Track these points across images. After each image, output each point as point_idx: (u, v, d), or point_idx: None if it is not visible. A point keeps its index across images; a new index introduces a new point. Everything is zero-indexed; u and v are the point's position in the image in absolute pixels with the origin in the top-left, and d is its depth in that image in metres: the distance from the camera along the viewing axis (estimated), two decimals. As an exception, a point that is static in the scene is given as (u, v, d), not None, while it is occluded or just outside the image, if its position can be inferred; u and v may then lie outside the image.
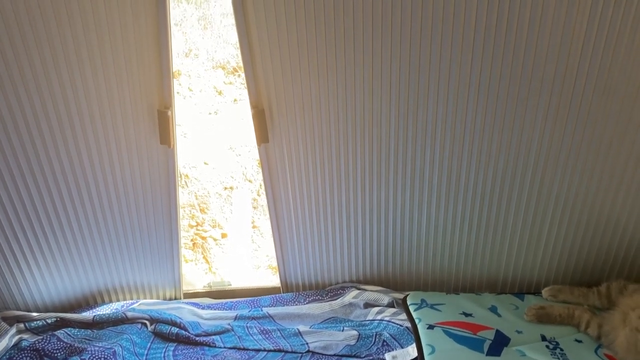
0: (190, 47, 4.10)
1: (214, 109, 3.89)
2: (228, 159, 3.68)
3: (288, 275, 2.04)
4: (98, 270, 1.90)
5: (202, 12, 4.31)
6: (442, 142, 1.67)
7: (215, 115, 3.88)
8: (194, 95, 3.91)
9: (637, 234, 1.82)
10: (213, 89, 3.98)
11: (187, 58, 4.06)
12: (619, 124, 1.59)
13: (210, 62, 4.07)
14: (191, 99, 3.89)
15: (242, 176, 3.64)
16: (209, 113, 3.87)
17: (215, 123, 3.84)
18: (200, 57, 4.08)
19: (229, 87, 4.02)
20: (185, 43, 4.11)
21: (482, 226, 1.84)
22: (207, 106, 3.90)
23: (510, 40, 1.46)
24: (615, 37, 1.45)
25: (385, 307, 1.87)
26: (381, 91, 1.58)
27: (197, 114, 3.84)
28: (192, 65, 4.04)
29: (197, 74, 4.01)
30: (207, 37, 4.18)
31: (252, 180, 3.64)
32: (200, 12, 4.31)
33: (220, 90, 3.98)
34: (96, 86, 1.52)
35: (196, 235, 3.38)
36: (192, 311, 1.93)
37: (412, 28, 1.46)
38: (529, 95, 1.56)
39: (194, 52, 4.09)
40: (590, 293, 1.79)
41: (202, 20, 4.27)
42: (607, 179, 1.71)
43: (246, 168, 3.66)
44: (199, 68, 4.03)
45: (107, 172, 1.68)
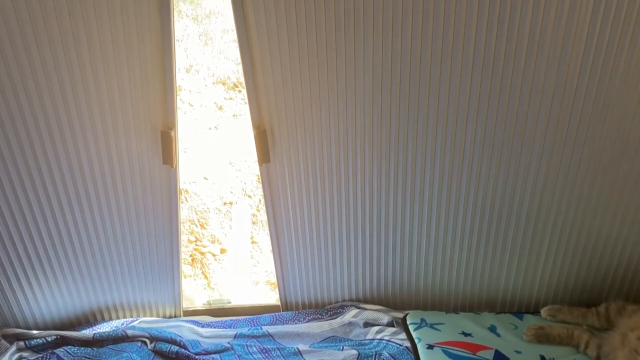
0: (191, 63, 4.13)
1: (214, 124, 3.91)
2: (228, 174, 3.69)
3: (288, 294, 2.04)
4: (98, 287, 1.90)
5: (203, 28, 4.34)
6: (441, 162, 1.68)
7: (216, 130, 3.89)
8: (194, 111, 3.94)
9: (635, 254, 1.83)
10: (213, 104, 4.01)
11: (188, 74, 4.09)
12: (616, 146, 1.61)
13: (210, 77, 4.10)
14: (191, 114, 3.91)
15: (241, 191, 3.65)
16: (209, 128, 3.89)
17: (215, 138, 3.86)
18: (200, 73, 4.10)
19: (229, 102, 4.04)
20: (186, 59, 4.14)
21: (481, 246, 1.86)
22: (207, 121, 3.92)
23: (510, 59, 1.49)
24: (612, 61, 1.47)
25: (385, 327, 1.87)
26: (381, 111, 1.60)
27: (197, 129, 3.86)
28: (192, 80, 4.07)
29: (198, 90, 4.04)
30: (208, 53, 4.21)
31: (251, 195, 3.65)
32: (201, 28, 4.34)
33: (220, 106, 4.01)
34: (100, 107, 1.54)
35: (195, 251, 3.38)
36: (192, 329, 1.93)
37: (413, 48, 1.48)
38: (527, 121, 1.58)
39: (195, 68, 4.12)
40: (589, 313, 1.80)
41: (203, 36, 4.30)
42: (605, 200, 1.72)
43: (246, 183, 3.67)
44: (199, 83, 4.06)
45: (109, 191, 1.69)
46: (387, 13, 1.43)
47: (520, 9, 1.40)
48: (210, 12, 4.43)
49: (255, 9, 1.43)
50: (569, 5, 1.39)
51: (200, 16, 4.41)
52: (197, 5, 4.48)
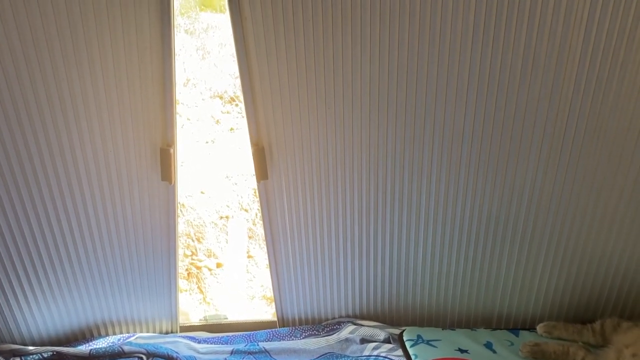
0: (188, 77, 4.15)
1: (211, 138, 3.92)
2: (224, 188, 3.69)
3: (285, 310, 2.04)
4: (95, 303, 1.90)
5: (201, 42, 4.37)
6: (437, 180, 1.70)
7: (212, 144, 3.90)
8: (191, 124, 3.95)
9: (629, 271, 1.84)
10: (210, 118, 4.02)
11: (185, 87, 4.11)
12: (609, 165, 1.63)
13: (208, 91, 4.12)
14: (188, 128, 3.92)
15: (238, 205, 3.65)
16: (205, 142, 3.90)
17: (212, 152, 3.86)
18: (198, 87, 4.12)
19: (226, 116, 4.06)
20: (183, 72, 4.16)
21: (477, 262, 1.87)
22: (204, 135, 3.93)
23: (504, 82, 1.51)
24: (605, 80, 1.49)
25: (382, 343, 1.87)
26: (378, 129, 1.61)
27: (194, 142, 3.87)
28: (189, 94, 4.09)
29: (195, 103, 4.05)
30: (205, 67, 4.23)
31: (248, 209, 3.65)
32: (198, 42, 4.37)
33: (217, 119, 4.02)
34: (100, 123, 1.54)
35: (191, 265, 3.37)
36: (188, 345, 1.93)
37: (409, 67, 1.50)
38: (522, 138, 1.60)
39: (192, 82, 4.13)
40: (585, 330, 1.81)
41: (200, 50, 4.33)
42: (600, 216, 1.74)
43: (242, 197, 3.68)
44: (196, 97, 4.07)
45: (107, 206, 1.70)
46: (384, 32, 1.45)
47: (514, 27, 1.43)
48: (208, 26, 4.46)
49: (253, 23, 1.45)
50: (562, 25, 1.42)
51: (198, 30, 4.43)
52: (194, 19, 4.51)
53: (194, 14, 4.57)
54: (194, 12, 4.58)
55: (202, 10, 4.65)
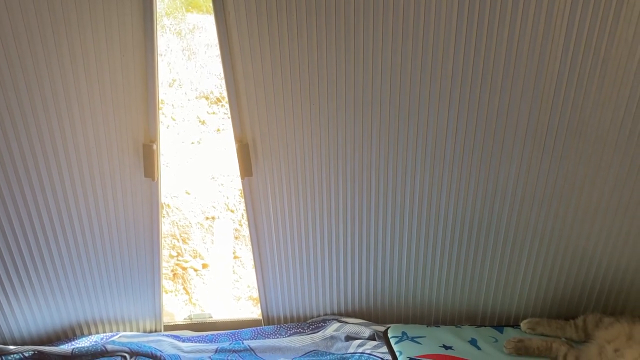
0: (174, 77, 4.14)
1: (197, 139, 3.91)
2: (210, 189, 3.68)
3: (270, 308, 2.04)
4: (78, 302, 1.88)
5: (187, 43, 4.36)
6: (422, 179, 1.71)
7: (198, 145, 3.89)
8: (176, 125, 3.93)
9: (611, 268, 1.86)
10: (196, 118, 4.01)
11: (170, 88, 4.09)
12: (591, 163, 1.65)
13: (193, 92, 4.11)
14: (174, 129, 3.91)
15: (224, 206, 3.64)
16: (191, 142, 3.89)
17: (197, 152, 3.85)
18: (183, 87, 4.11)
19: (212, 117, 4.05)
20: (169, 73, 4.15)
21: (461, 260, 1.88)
22: (189, 135, 3.92)
23: (487, 80, 1.52)
24: (586, 79, 1.51)
25: (367, 340, 1.87)
26: (362, 126, 1.62)
27: (179, 143, 3.86)
28: (175, 94, 4.07)
29: (181, 104, 4.04)
30: (191, 68, 4.22)
31: (234, 210, 3.64)
32: (184, 42, 4.36)
33: (203, 120, 4.01)
34: (82, 119, 1.53)
35: (176, 266, 3.35)
36: (172, 344, 1.91)
37: (393, 65, 1.51)
38: (505, 137, 1.62)
39: (178, 82, 4.12)
40: (568, 326, 1.83)
41: (186, 50, 4.32)
42: (582, 214, 1.76)
43: (228, 198, 3.67)
44: (182, 98, 4.06)
45: (89, 203, 1.68)
46: (368, 31, 1.46)
47: (497, 25, 1.44)
48: (194, 27, 4.46)
49: (238, 24, 1.45)
50: (544, 22, 1.43)
51: (184, 31, 4.43)
52: (180, 20, 4.50)
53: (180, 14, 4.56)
54: (180, 12, 4.58)
55: (188, 11, 4.64)
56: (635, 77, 1.50)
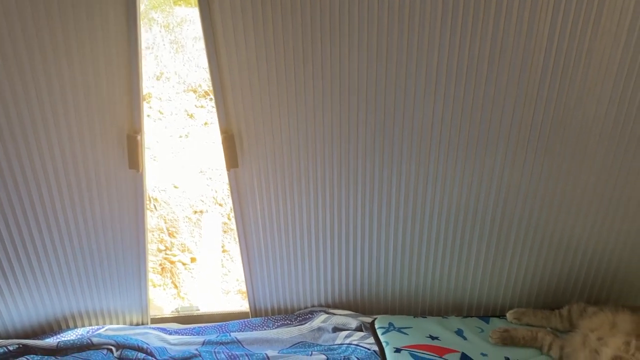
0: (162, 70, 4.11)
1: (185, 132, 3.89)
2: (198, 183, 3.67)
3: (257, 300, 2.03)
4: (63, 294, 1.86)
5: (175, 36, 4.33)
6: (407, 170, 1.71)
7: (186, 139, 3.87)
8: (164, 118, 3.91)
9: (595, 258, 1.88)
10: (184, 112, 3.99)
11: (158, 81, 4.06)
12: (575, 153, 1.66)
13: (181, 85, 4.08)
14: (161, 122, 3.88)
15: (212, 200, 3.63)
16: (179, 136, 3.87)
17: (185, 146, 3.83)
18: (171, 80, 4.08)
19: (200, 110, 4.03)
20: (157, 66, 4.12)
21: (447, 251, 1.89)
22: (177, 129, 3.89)
23: (472, 71, 1.53)
24: (570, 71, 1.52)
25: (354, 331, 1.88)
26: (349, 117, 1.61)
27: (167, 137, 3.83)
28: (163, 88, 4.05)
29: (168, 97, 4.01)
30: (179, 61, 4.20)
31: (222, 204, 3.63)
32: (172, 35, 4.33)
33: (191, 114, 3.99)
34: (65, 110, 1.52)
35: (165, 260, 3.34)
36: (159, 336, 1.91)
37: (379, 55, 1.51)
38: (490, 128, 1.62)
39: (166, 75, 4.09)
40: (553, 316, 1.84)
41: (174, 43, 4.29)
42: (567, 205, 1.77)
43: (217, 192, 3.66)
44: (170, 91, 4.04)
45: (73, 195, 1.67)
46: (354, 21, 1.45)
47: (482, 15, 1.44)
48: (182, 20, 4.43)
49: (222, 15, 1.44)
50: (529, 13, 1.44)
51: (172, 24, 4.39)
52: (168, 13, 4.47)
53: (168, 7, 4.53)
54: (168, 5, 4.55)
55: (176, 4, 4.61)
56: (619, 67, 1.51)
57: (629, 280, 1.94)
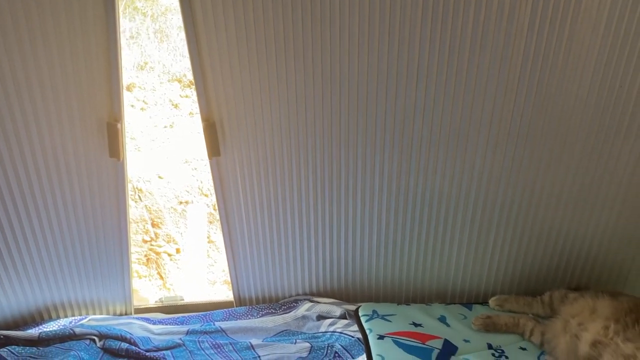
0: (146, 60, 4.07)
1: (170, 122, 3.86)
2: (183, 173, 3.65)
3: (241, 289, 2.03)
4: (45, 285, 1.85)
5: (159, 26, 4.28)
6: (390, 158, 1.71)
7: (171, 129, 3.84)
8: (148, 108, 3.88)
9: (576, 244, 1.90)
10: (169, 102, 3.96)
11: (142, 71, 4.02)
12: (557, 140, 1.67)
13: (166, 75, 4.05)
14: (146, 112, 3.85)
15: (197, 190, 3.61)
16: (164, 126, 3.84)
17: (170, 136, 3.80)
18: (155, 70, 4.05)
19: (185, 100, 4.00)
20: (140, 56, 4.08)
21: (430, 239, 1.89)
22: (162, 119, 3.86)
23: (453, 57, 1.53)
24: (550, 59, 1.52)
25: (338, 319, 1.88)
26: (331, 105, 1.61)
27: (152, 127, 3.80)
28: (147, 78, 4.01)
29: (153, 87, 3.98)
30: (164, 50, 4.16)
31: (208, 194, 3.61)
32: (156, 25, 4.28)
33: (176, 104, 3.96)
34: (43, 98, 1.49)
35: (150, 251, 3.33)
36: (142, 326, 1.90)
37: (360, 43, 1.50)
38: (472, 115, 1.63)
39: (150, 65, 4.05)
40: (534, 302, 1.85)
41: (158, 33, 4.24)
42: (548, 193, 1.78)
43: (202, 182, 3.64)
44: (154, 81, 4.00)
45: (54, 184, 1.65)
46: (335, 6, 1.44)
47: (462, 8, 1.44)
48: (166, 9, 4.38)
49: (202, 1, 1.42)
50: (509, 3, 1.44)
51: (156, 13, 4.35)
52: (153, 2, 4.42)
53: (151, -4, 4.48)
54: (152, -6, 4.49)
55: (161, -7, 4.56)
56: (599, 52, 1.52)
57: (609, 267, 1.96)
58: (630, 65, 1.53)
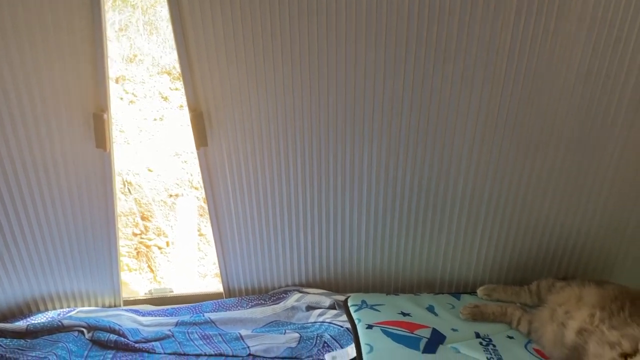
0: (135, 53, 4.04)
1: (159, 115, 3.84)
2: (173, 166, 3.63)
3: (231, 281, 2.03)
4: (32, 277, 1.84)
5: (148, 18, 4.25)
6: (378, 147, 1.71)
7: (161, 122, 3.82)
8: (138, 101, 3.85)
9: (563, 234, 1.91)
10: (158, 94, 3.93)
11: (131, 64, 4.00)
12: (544, 129, 1.68)
13: (155, 67, 4.02)
14: (135, 105, 3.83)
15: (187, 183, 3.60)
16: (154, 119, 3.82)
17: (160, 129, 3.78)
18: (145, 63, 4.02)
19: (175, 93, 3.97)
20: (130, 48, 4.05)
21: (418, 229, 1.90)
22: (152, 112, 3.84)
23: (440, 48, 1.53)
24: (538, 44, 1.53)
25: (327, 309, 1.89)
26: (319, 94, 1.61)
27: (141, 120, 3.78)
28: (136, 70, 3.98)
29: (142, 80, 3.95)
30: (153, 43, 4.13)
31: (198, 187, 3.60)
32: (146, 17, 4.25)
33: (165, 96, 3.93)
34: (28, 90, 1.48)
35: (140, 244, 3.32)
36: (131, 318, 1.90)
37: (348, 31, 1.50)
38: (459, 105, 1.63)
39: (139, 58, 4.03)
40: (522, 291, 1.87)
41: (147, 25, 4.21)
42: (535, 182, 1.79)
43: (192, 175, 3.62)
44: (143, 74, 3.97)
45: (40, 176, 1.64)
46: (322, -4, 1.44)
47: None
48: (155, 1, 4.35)
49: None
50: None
51: (146, 5, 4.31)
52: (141, -6, 4.38)
53: (140, -12, 4.44)
54: (141, -14, 4.45)
55: (150, -15, 4.52)
56: (584, 45, 1.53)
57: (595, 256, 1.97)
58: (615, 56, 1.54)
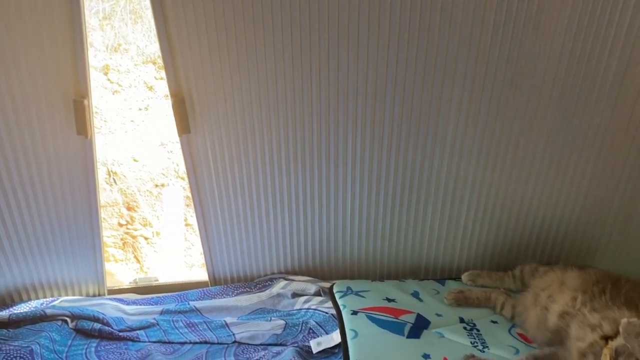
0: (119, 42, 3.99)
1: (144, 105, 3.81)
2: (159, 156, 3.61)
3: (216, 269, 2.02)
4: (15, 266, 1.82)
5: (133, 6, 4.20)
6: (362, 134, 1.71)
7: (146, 111, 3.79)
8: (123, 91, 3.81)
9: (547, 219, 1.93)
10: (143, 84, 3.90)
11: (116, 53, 3.95)
12: (526, 114, 1.68)
13: (140, 56, 3.98)
14: (120, 95, 3.79)
15: (174, 173, 3.58)
16: (139, 109, 3.78)
17: (145, 119, 3.75)
18: (130, 52, 3.98)
19: (160, 82, 3.94)
20: (114, 37, 4.00)
21: (403, 215, 1.90)
22: (137, 102, 3.81)
23: (424, 30, 1.52)
24: (522, 27, 1.52)
25: (312, 296, 1.89)
26: (302, 81, 1.60)
27: (126, 109, 3.75)
28: (121, 60, 3.94)
29: (127, 69, 3.91)
30: (138, 32, 4.08)
31: (184, 177, 3.58)
32: (130, 5, 4.20)
33: (150, 86, 3.90)
34: (6, 77, 1.46)
35: (126, 235, 3.30)
36: (116, 307, 1.88)
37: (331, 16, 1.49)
38: (443, 89, 1.63)
39: (124, 47, 3.98)
40: (506, 277, 1.88)
41: (132, 14, 4.16)
42: (518, 168, 1.80)
43: (178, 165, 3.60)
44: (128, 63, 3.93)
45: (20, 164, 1.62)
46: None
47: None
48: (140, -11, 4.30)
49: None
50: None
51: (130, -7, 4.26)
52: (125, -18, 4.33)
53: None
54: (125, -26, 4.40)
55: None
56: (568, 27, 1.53)
57: (578, 242, 1.99)
58: (598, 38, 1.54)
